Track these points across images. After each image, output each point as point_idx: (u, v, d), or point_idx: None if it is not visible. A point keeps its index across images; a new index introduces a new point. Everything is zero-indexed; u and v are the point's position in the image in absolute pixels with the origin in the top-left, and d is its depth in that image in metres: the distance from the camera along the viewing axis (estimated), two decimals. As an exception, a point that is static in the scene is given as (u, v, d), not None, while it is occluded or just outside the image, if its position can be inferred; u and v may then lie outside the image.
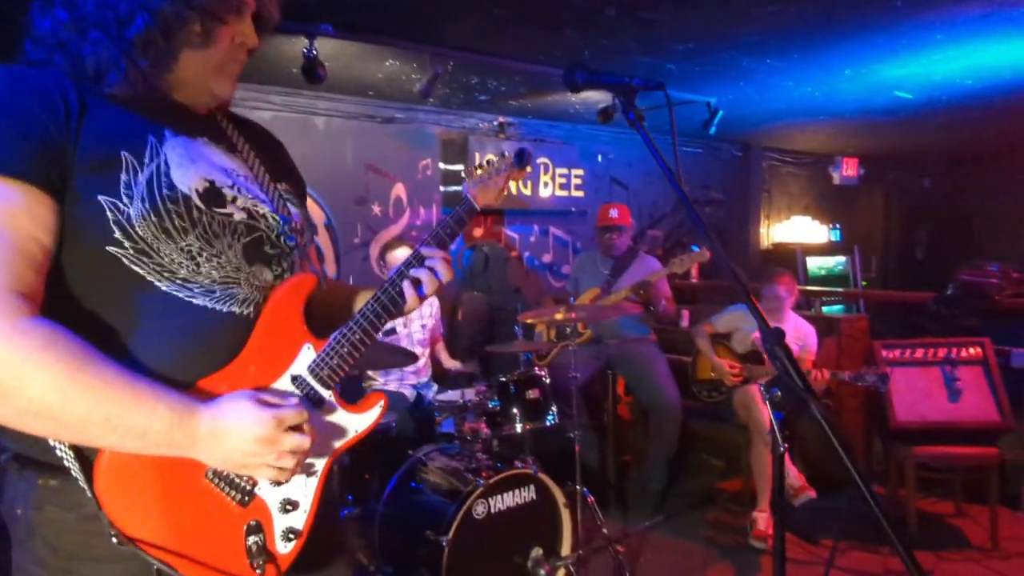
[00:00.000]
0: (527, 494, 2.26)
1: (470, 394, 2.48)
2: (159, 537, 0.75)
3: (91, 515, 0.74)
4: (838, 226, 6.38)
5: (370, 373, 2.98)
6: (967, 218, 6.75)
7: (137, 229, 0.77)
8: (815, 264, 5.64)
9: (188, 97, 0.87)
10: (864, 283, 5.94)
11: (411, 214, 3.88)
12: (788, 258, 5.49)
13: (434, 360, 3.22)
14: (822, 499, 2.81)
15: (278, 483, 0.83)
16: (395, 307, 0.93)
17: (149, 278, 0.78)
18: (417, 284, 0.94)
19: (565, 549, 2.32)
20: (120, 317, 0.78)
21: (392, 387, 2.95)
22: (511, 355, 2.90)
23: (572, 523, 2.33)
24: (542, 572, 2.21)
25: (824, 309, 4.53)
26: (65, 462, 0.75)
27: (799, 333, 3.05)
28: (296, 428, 0.78)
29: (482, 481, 2.14)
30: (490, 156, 1.08)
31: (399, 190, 3.84)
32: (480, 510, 2.14)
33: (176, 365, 0.79)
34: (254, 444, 0.75)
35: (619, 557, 2.38)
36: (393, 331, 3.00)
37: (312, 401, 0.87)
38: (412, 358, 2.63)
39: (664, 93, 0.91)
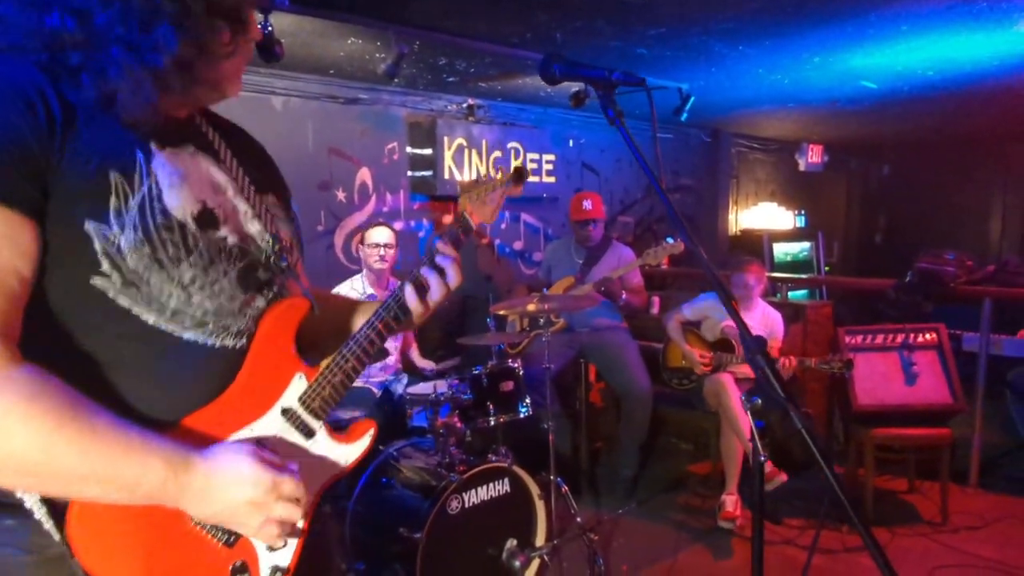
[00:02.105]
0: (501, 487, 2.25)
1: (442, 387, 2.44)
2: None
3: (54, 557, 0.68)
4: (803, 212, 6.52)
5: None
6: (923, 205, 6.99)
7: (128, 261, 0.70)
8: (781, 250, 5.76)
9: (192, 104, 0.80)
10: (827, 268, 6.11)
11: (377, 200, 3.77)
12: (755, 244, 5.58)
13: (406, 358, 3.15)
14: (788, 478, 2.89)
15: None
16: (397, 324, 0.88)
17: (135, 311, 0.71)
18: (424, 290, 0.88)
19: (540, 539, 2.33)
20: (103, 353, 0.71)
21: (358, 383, 2.88)
22: (483, 345, 2.86)
23: (546, 513, 2.33)
24: (517, 563, 2.22)
25: (789, 295, 4.64)
26: (26, 504, 0.68)
27: (767, 320, 3.10)
28: (290, 499, 0.74)
29: (456, 477, 2.12)
30: (482, 173, 1.02)
31: (364, 175, 3.71)
32: (454, 505, 2.12)
33: (164, 404, 0.73)
34: (244, 506, 0.71)
35: (592, 545, 2.40)
36: None
37: (303, 433, 0.83)
38: (383, 354, 2.57)
39: (646, 90, 0.86)
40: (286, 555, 0.81)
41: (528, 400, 2.47)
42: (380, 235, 2.94)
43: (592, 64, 0.90)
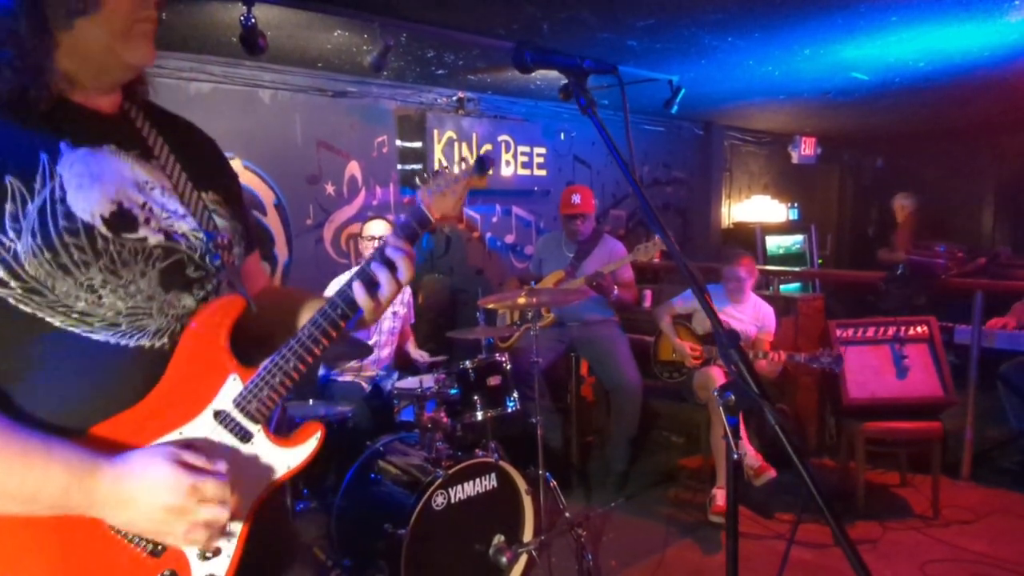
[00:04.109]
0: (488, 483, 2.24)
1: (429, 382, 2.42)
2: None
3: None
4: (796, 205, 6.51)
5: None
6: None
7: (26, 267, 0.67)
8: (774, 243, 5.75)
9: (96, 80, 0.74)
10: (820, 261, 6.10)
11: (367, 194, 3.73)
12: (748, 237, 5.57)
13: (401, 350, 3.14)
14: (778, 474, 2.89)
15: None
16: (345, 321, 0.83)
17: (40, 314, 0.68)
18: (374, 285, 0.83)
19: (527, 535, 2.32)
20: (6, 358, 0.68)
21: (348, 378, 2.86)
22: (473, 339, 2.84)
23: (534, 509, 2.32)
24: (504, 559, 2.21)
25: (781, 288, 4.63)
26: None
27: (758, 314, 3.09)
28: (214, 501, 0.70)
29: (441, 472, 2.10)
30: (443, 164, 0.96)
31: (353, 168, 3.67)
32: (440, 500, 2.10)
33: (74, 411, 0.70)
34: (163, 512, 0.68)
35: (580, 540, 2.39)
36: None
37: (238, 437, 0.79)
38: (366, 350, 2.54)
39: (617, 77, 0.84)
40: (222, 564, 0.76)
41: (516, 395, 2.45)
42: (377, 228, 2.92)
43: (566, 52, 0.88)
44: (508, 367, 2.47)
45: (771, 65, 3.54)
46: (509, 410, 2.41)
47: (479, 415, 2.36)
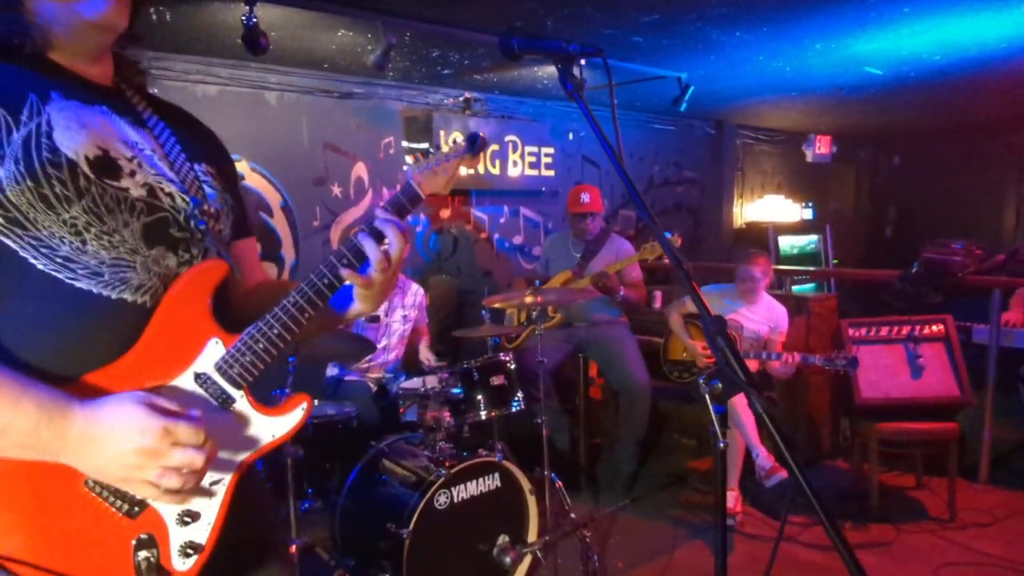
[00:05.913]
0: (491, 482, 2.22)
1: (432, 382, 2.41)
2: (26, 553, 0.66)
3: None
4: (811, 204, 6.42)
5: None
6: (935, 196, 6.85)
7: (8, 194, 0.67)
8: (787, 243, 5.66)
9: (72, 43, 0.75)
10: (835, 261, 6.00)
11: (374, 195, 3.74)
12: (760, 237, 5.50)
13: (411, 349, 3.14)
14: (789, 476, 2.83)
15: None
16: (331, 291, 0.81)
17: (22, 254, 0.68)
18: (361, 256, 0.81)
19: (532, 535, 2.30)
20: None
21: (353, 377, 2.87)
22: (480, 339, 2.83)
23: (539, 509, 2.30)
24: (507, 559, 2.19)
25: (795, 288, 4.56)
26: None
27: (771, 315, 3.04)
28: (188, 445, 0.69)
29: (443, 471, 2.09)
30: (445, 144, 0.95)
31: (360, 170, 3.69)
32: (442, 500, 2.09)
33: (51, 359, 0.70)
34: (134, 455, 0.67)
35: (586, 540, 2.37)
36: (376, 319, 2.91)
37: (219, 401, 0.78)
38: (369, 348, 2.54)
39: (603, 60, 0.82)
40: (202, 531, 0.75)
41: (520, 394, 2.43)
42: None
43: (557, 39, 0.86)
44: (512, 367, 2.45)
45: (781, 60, 3.49)
46: (514, 410, 2.39)
47: (483, 414, 2.34)
